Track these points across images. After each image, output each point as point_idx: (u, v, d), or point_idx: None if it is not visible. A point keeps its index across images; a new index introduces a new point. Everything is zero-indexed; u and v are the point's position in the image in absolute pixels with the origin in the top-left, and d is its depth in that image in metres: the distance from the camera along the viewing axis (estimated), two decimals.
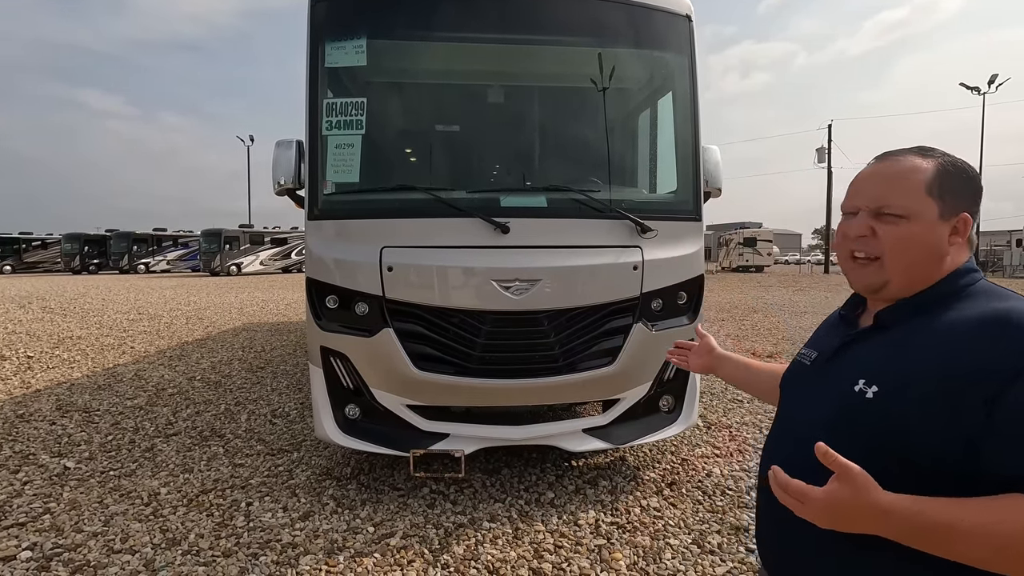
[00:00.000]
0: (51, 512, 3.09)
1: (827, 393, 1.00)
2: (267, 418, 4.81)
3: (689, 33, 3.46)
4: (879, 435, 0.89)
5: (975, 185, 0.97)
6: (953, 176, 0.96)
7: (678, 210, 3.44)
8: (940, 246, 0.95)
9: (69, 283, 24.72)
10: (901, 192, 0.96)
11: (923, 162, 0.97)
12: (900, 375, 0.91)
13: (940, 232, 0.95)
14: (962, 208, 0.96)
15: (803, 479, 0.87)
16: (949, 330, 0.90)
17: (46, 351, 8.00)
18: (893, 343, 0.96)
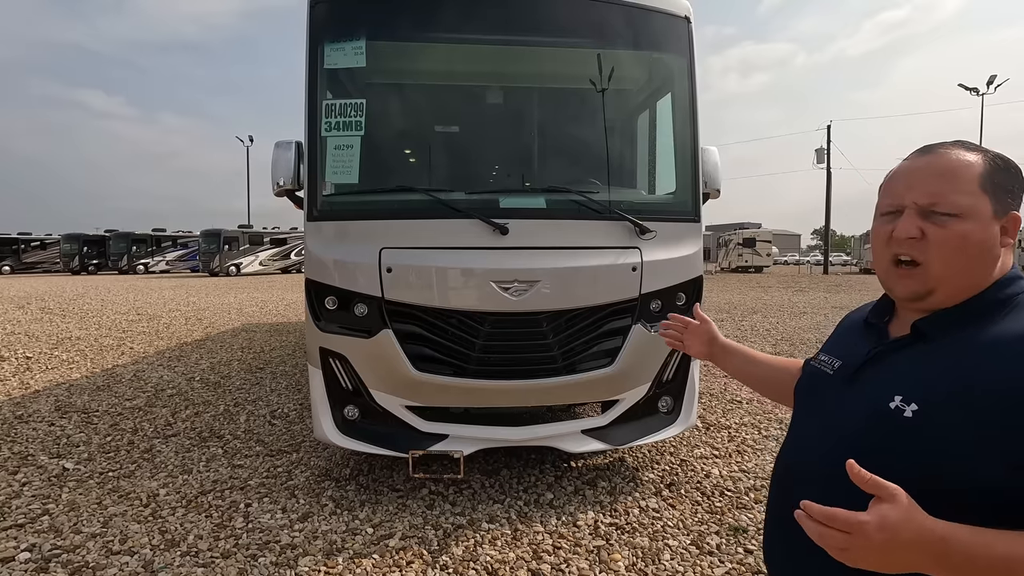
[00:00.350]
0: (50, 513, 3.09)
1: (856, 408, 0.91)
2: (266, 419, 4.81)
3: (688, 34, 3.47)
4: (916, 458, 0.80)
5: (1022, 182, 0.89)
6: (1004, 171, 0.87)
7: (677, 211, 3.44)
8: (994, 248, 0.86)
9: (68, 283, 24.70)
10: (956, 188, 0.85)
11: (972, 156, 0.88)
12: (946, 393, 0.81)
13: (995, 232, 0.86)
14: (1012, 206, 0.87)
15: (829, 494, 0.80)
16: (1003, 345, 0.80)
17: (45, 352, 8.00)
18: (936, 357, 0.86)
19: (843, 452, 0.85)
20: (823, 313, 12.61)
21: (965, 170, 0.86)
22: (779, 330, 10.06)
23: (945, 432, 0.79)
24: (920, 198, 0.88)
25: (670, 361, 3.38)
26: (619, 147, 3.74)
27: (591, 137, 3.58)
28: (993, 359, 0.80)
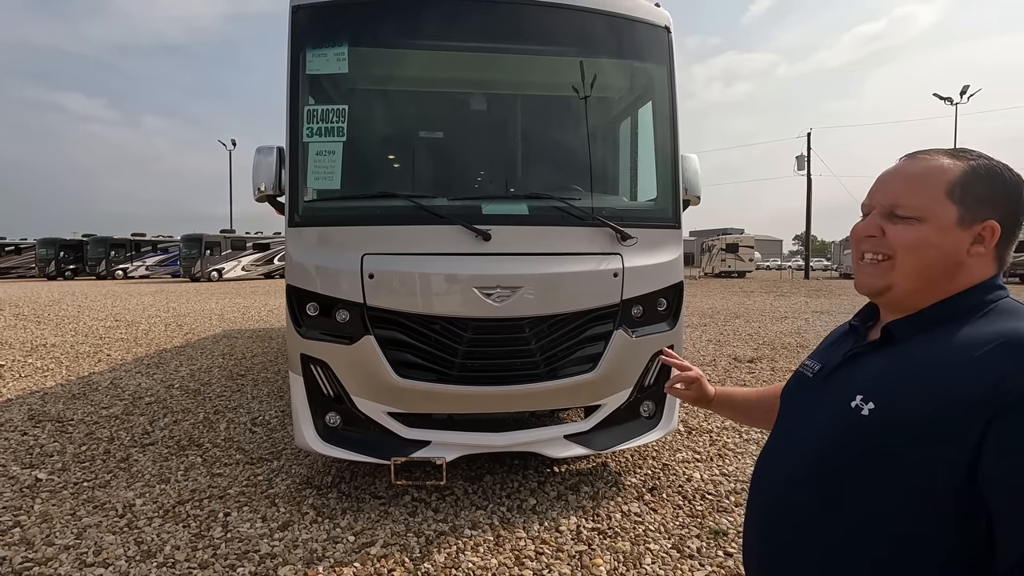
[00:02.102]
0: (21, 525, 3.02)
1: (824, 408, 0.94)
2: (247, 427, 4.75)
3: (668, 44, 3.52)
4: (875, 456, 0.83)
5: (1012, 191, 0.88)
6: (983, 180, 0.88)
7: (658, 217, 3.49)
8: (955, 254, 0.87)
9: (44, 289, 24.15)
10: (918, 192, 0.89)
11: (951, 163, 0.89)
12: (901, 391, 0.84)
13: (957, 239, 0.87)
14: (989, 215, 0.87)
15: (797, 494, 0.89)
16: (962, 348, 0.82)
17: (18, 359, 7.81)
18: (901, 358, 0.89)
19: (808, 451, 0.92)
20: (804, 317, 12.80)
21: (934, 176, 0.89)
22: (761, 334, 10.19)
23: (900, 431, 0.81)
24: (884, 199, 0.92)
25: (651, 366, 3.41)
26: (601, 154, 3.79)
27: (573, 144, 3.61)
28: (949, 360, 0.82)
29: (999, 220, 0.87)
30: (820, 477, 0.89)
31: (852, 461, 0.85)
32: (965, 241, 0.87)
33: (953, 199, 0.87)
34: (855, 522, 0.84)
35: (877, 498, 0.80)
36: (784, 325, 11.48)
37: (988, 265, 0.89)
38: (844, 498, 0.86)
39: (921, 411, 0.79)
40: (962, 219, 0.87)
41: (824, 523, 0.88)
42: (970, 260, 0.88)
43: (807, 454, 0.92)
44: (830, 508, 0.87)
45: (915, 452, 0.79)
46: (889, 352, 0.91)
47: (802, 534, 0.91)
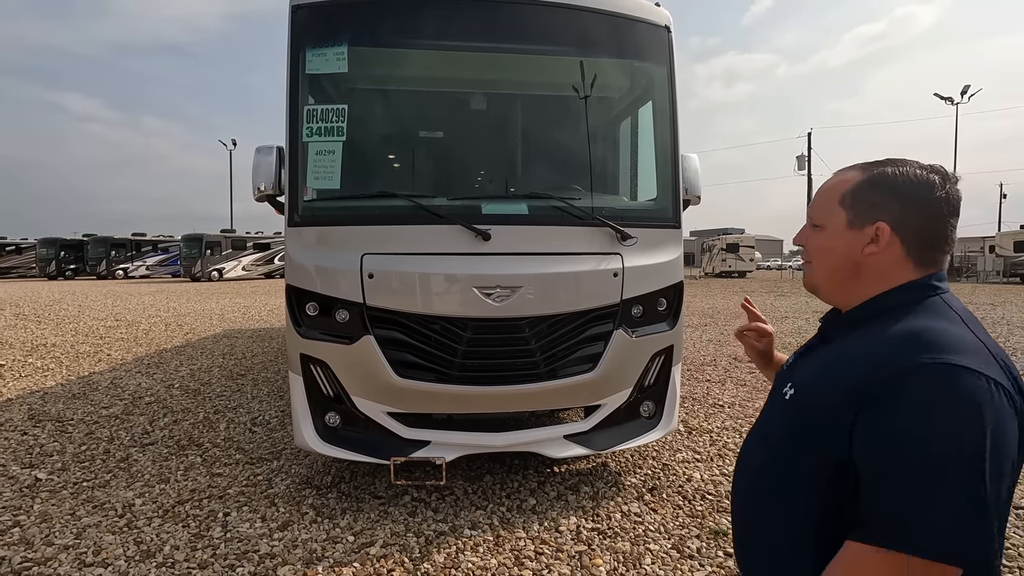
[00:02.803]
0: (21, 525, 3.02)
1: (773, 399, 1.07)
2: (247, 426, 4.75)
3: (668, 43, 3.51)
4: (794, 437, 0.92)
5: (907, 194, 0.92)
6: (874, 186, 0.94)
7: (658, 217, 3.48)
8: (851, 255, 0.95)
9: (44, 289, 24.16)
10: (822, 203, 1.01)
11: (854, 174, 0.98)
12: (812, 379, 0.94)
13: (849, 241, 0.95)
14: (878, 218, 0.92)
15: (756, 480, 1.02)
16: (868, 342, 0.88)
17: (18, 359, 7.81)
18: (827, 352, 0.99)
19: (758, 435, 1.08)
20: (804, 317, 12.79)
21: (834, 188, 0.99)
22: None
23: (805, 413, 0.91)
24: (810, 212, 1.05)
25: (651, 366, 3.40)
26: (601, 154, 3.78)
27: (573, 144, 3.61)
28: (856, 354, 0.88)
29: (889, 221, 0.92)
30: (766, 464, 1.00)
31: (780, 439, 0.96)
32: (858, 243, 0.94)
33: (844, 206, 0.96)
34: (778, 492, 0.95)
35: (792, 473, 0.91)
36: (785, 325, 11.47)
37: (901, 265, 0.93)
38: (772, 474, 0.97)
39: (820, 397, 0.88)
40: (851, 223, 0.95)
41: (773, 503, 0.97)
42: (869, 260, 0.93)
43: (756, 437, 1.06)
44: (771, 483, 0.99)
45: (815, 432, 0.87)
46: (826, 348, 1.01)
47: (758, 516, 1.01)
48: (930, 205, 0.91)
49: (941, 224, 0.91)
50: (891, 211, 0.92)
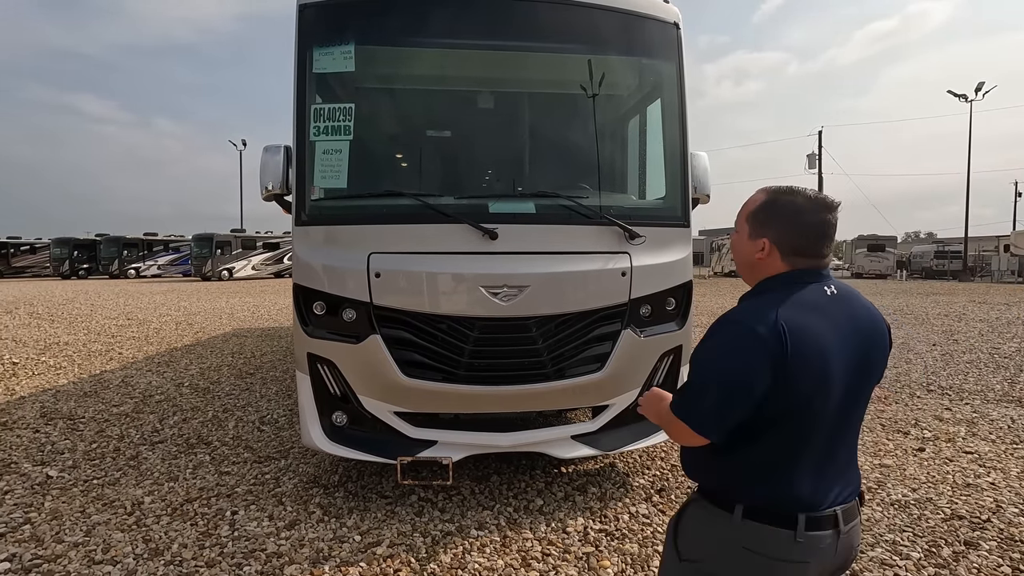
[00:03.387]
0: (32, 522, 3.04)
1: None
2: (255, 425, 4.77)
3: (677, 40, 3.48)
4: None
5: (785, 219, 1.30)
6: (767, 209, 1.33)
7: (666, 216, 3.45)
8: (749, 257, 1.37)
9: (58, 288, 24.47)
10: (738, 216, 1.40)
11: (759, 196, 1.37)
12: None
13: (749, 248, 1.36)
14: (765, 235, 1.32)
15: None
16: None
17: (32, 357, 7.90)
18: None
19: None
20: None
21: (745, 206, 1.39)
22: None
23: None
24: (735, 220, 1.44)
25: (660, 366, 3.37)
26: (609, 152, 3.75)
27: (581, 142, 3.59)
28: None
29: (772, 238, 1.31)
30: None
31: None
32: (752, 250, 1.35)
33: (747, 222, 1.37)
34: None
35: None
36: None
37: (777, 267, 1.32)
38: None
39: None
40: (750, 235, 1.36)
41: None
42: (758, 262, 1.34)
43: None
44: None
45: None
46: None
47: None
48: (805, 227, 1.29)
49: (812, 241, 1.29)
50: (775, 230, 1.31)
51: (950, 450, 4.16)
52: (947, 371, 6.88)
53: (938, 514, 3.15)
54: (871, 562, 2.68)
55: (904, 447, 4.23)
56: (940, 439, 4.40)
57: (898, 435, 4.52)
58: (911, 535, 2.92)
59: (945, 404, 5.42)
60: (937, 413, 5.11)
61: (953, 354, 8.01)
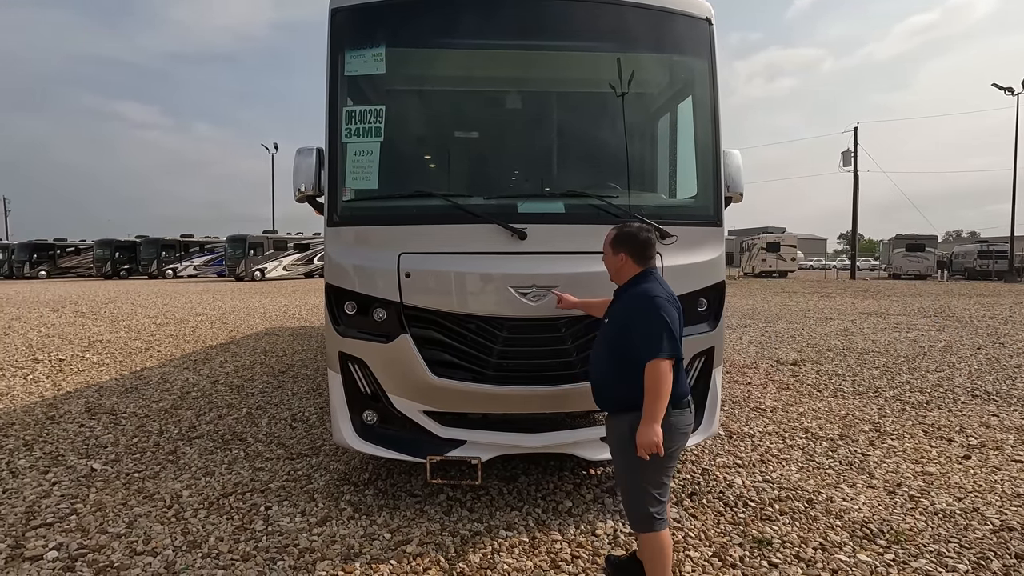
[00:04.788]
0: (77, 513, 3.16)
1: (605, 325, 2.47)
2: (287, 422, 4.86)
3: (709, 36, 3.42)
4: (610, 341, 2.36)
5: (632, 240, 2.38)
6: (621, 237, 2.41)
7: (698, 215, 3.39)
8: (615, 266, 2.45)
9: (100, 288, 25.44)
10: (605, 244, 2.49)
11: (613, 232, 2.47)
12: (615, 313, 2.39)
13: (616, 261, 2.43)
14: (622, 251, 2.40)
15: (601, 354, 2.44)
16: (627, 297, 2.36)
17: (77, 354, 8.23)
18: (616, 305, 2.44)
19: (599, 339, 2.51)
20: (851, 319, 12.30)
21: (607, 237, 2.50)
22: (804, 336, 9.85)
23: (616, 326, 2.35)
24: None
25: (692, 368, 3.31)
26: (639, 151, 3.70)
27: (611, 141, 3.55)
28: (620, 302, 2.42)
29: (626, 251, 2.39)
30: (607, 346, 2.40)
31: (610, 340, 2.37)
32: (617, 262, 2.42)
33: (610, 245, 2.45)
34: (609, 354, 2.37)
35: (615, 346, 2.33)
36: (829, 327, 11.06)
37: (633, 268, 2.39)
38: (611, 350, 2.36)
39: (620, 317, 2.35)
40: (614, 253, 2.43)
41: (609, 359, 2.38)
42: (621, 267, 2.42)
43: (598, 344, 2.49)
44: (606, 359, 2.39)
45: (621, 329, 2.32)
46: (617, 302, 2.44)
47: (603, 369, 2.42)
48: (642, 243, 2.39)
49: (648, 249, 2.40)
50: (627, 247, 2.39)
51: (998, 458, 3.98)
52: (993, 375, 6.59)
53: (986, 525, 3.02)
54: (915, 573, 2.58)
55: (948, 454, 4.07)
56: (987, 446, 4.22)
57: (941, 442, 4.34)
58: (957, 546, 2.81)
59: (992, 410, 5.19)
60: (983, 419, 4.90)
61: (999, 358, 7.68)
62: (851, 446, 4.24)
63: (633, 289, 2.32)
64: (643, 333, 2.16)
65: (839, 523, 3.04)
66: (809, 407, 5.33)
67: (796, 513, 3.16)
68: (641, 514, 2.22)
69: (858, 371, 6.93)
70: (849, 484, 3.55)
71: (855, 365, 7.30)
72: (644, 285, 2.30)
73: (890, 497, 3.36)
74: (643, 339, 2.15)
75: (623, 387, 2.24)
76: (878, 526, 3.00)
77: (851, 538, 2.89)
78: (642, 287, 2.29)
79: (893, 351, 8.31)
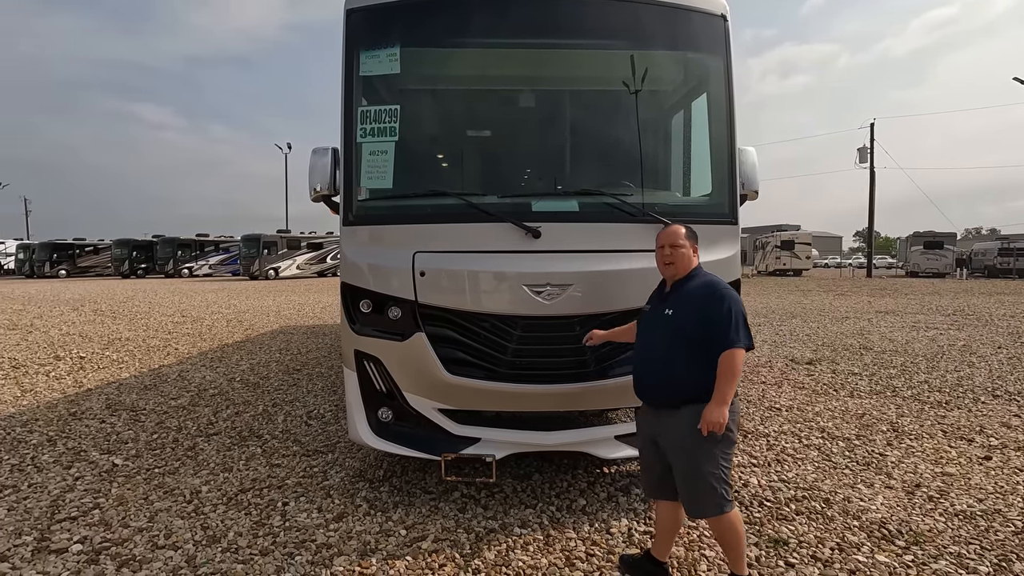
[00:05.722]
0: (100, 507, 3.23)
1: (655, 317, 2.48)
2: (303, 419, 4.91)
3: (725, 33, 3.39)
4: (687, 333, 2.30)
5: (695, 234, 2.50)
6: (691, 229, 2.51)
7: (713, 213, 3.37)
8: (687, 258, 2.44)
9: (119, 287, 25.86)
10: (675, 235, 2.45)
11: (681, 226, 2.50)
12: (681, 304, 2.36)
13: (688, 253, 2.44)
14: (696, 245, 2.47)
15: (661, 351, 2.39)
16: (694, 287, 2.38)
17: (97, 352, 8.38)
18: (673, 295, 2.42)
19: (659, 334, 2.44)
20: (867, 318, 12.14)
21: (679, 231, 2.48)
22: (820, 335, 9.74)
23: (682, 319, 2.32)
24: (667, 240, 2.46)
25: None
26: (653, 149, 3.69)
27: (625, 139, 3.54)
28: (687, 294, 2.37)
29: (696, 245, 2.48)
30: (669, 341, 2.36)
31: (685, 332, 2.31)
32: (691, 254, 2.45)
33: (687, 238, 2.45)
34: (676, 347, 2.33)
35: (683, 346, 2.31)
36: (845, 326, 10.93)
37: (695, 261, 2.46)
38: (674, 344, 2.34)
39: (687, 307, 2.34)
40: (692, 243, 2.46)
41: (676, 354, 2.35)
42: (691, 261, 2.44)
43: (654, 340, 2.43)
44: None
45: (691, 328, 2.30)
46: (674, 293, 2.43)
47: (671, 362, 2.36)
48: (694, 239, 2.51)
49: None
50: (695, 239, 2.48)
51: (1021, 459, 3.91)
52: (1014, 375, 6.48)
53: (1008, 526, 2.97)
54: (934, 575, 2.55)
55: (968, 455, 4.01)
56: (1008, 447, 4.15)
57: (961, 442, 4.28)
58: (978, 548, 2.77)
59: (1013, 410, 5.10)
60: (1004, 420, 4.82)
61: (1021, 357, 7.54)
62: (868, 446, 4.20)
63: (697, 281, 2.37)
64: (723, 323, 2.20)
65: (856, 523, 3.01)
66: (825, 406, 5.27)
67: (813, 513, 3.14)
68: (716, 499, 2.24)
69: (875, 370, 6.84)
70: (867, 484, 3.52)
71: (872, 364, 7.21)
72: (709, 278, 2.36)
73: (909, 498, 3.32)
74: (723, 329, 2.19)
75: (696, 377, 2.24)
76: (897, 527, 2.97)
77: (869, 539, 2.86)
78: (709, 279, 2.35)
79: (911, 350, 8.19)
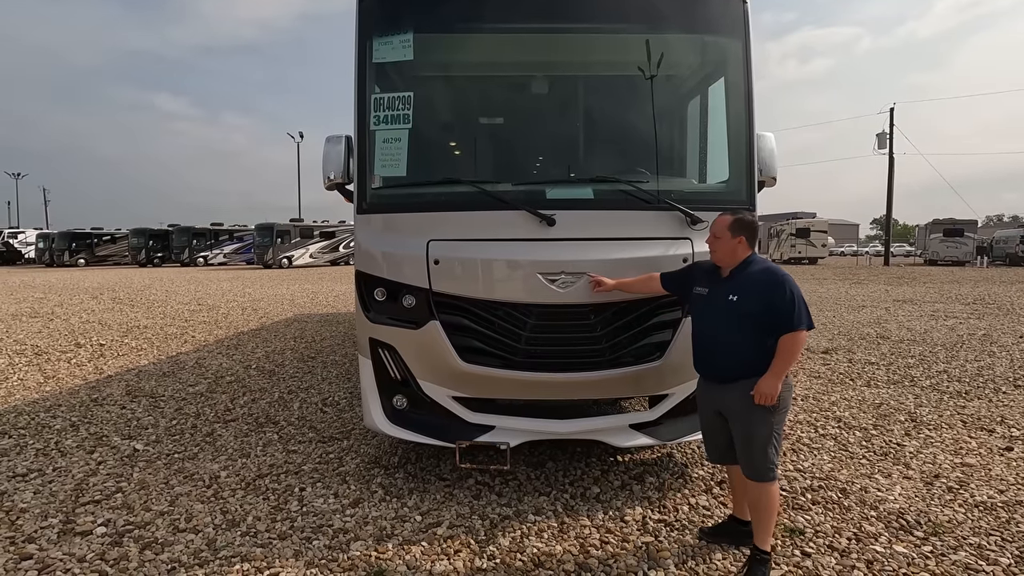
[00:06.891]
0: (123, 491, 3.30)
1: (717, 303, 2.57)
2: (318, 406, 4.97)
3: (744, 16, 3.31)
4: (753, 316, 2.45)
5: (748, 226, 2.53)
6: (738, 223, 2.52)
7: (730, 200, 3.31)
8: (733, 247, 2.53)
9: (136, 275, 26.23)
10: (721, 226, 2.55)
11: (728, 217, 2.55)
12: (744, 290, 2.48)
13: (733, 242, 2.53)
14: (739, 235, 2.52)
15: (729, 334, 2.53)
16: (754, 273, 2.51)
17: (116, 339, 8.52)
18: (730, 282, 2.54)
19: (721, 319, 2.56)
20: (884, 307, 11.96)
21: (724, 220, 2.56)
22: (836, 324, 9.62)
23: (746, 304, 2.46)
24: (714, 230, 2.59)
25: None
26: (670, 135, 3.63)
27: (640, 125, 3.49)
28: (749, 280, 2.50)
29: (747, 236, 2.53)
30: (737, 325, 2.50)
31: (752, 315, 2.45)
32: (735, 244, 2.53)
33: (728, 229, 2.53)
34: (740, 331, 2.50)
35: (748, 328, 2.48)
36: (862, 315, 10.78)
37: (747, 250, 2.54)
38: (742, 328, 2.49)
39: (750, 293, 2.47)
40: (732, 235, 2.52)
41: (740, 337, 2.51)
42: (737, 250, 2.53)
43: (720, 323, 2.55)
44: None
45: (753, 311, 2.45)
46: (732, 280, 2.55)
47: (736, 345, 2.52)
48: (756, 230, 2.60)
49: (756, 235, 2.59)
50: (746, 232, 2.53)
51: None
52: None
53: None
54: (954, 566, 2.52)
55: (989, 446, 3.95)
56: None
57: (982, 433, 4.22)
58: (999, 539, 2.73)
59: None
60: None
61: None
62: (886, 436, 4.15)
63: (755, 268, 2.51)
64: (788, 308, 2.37)
65: (874, 514, 2.99)
66: (841, 396, 5.22)
67: (829, 503, 3.12)
68: (768, 465, 2.44)
69: (892, 360, 6.75)
70: (884, 474, 3.48)
71: (889, 354, 7.11)
72: (767, 265, 2.53)
73: (927, 488, 3.29)
74: (787, 312, 2.37)
75: (758, 355, 2.44)
76: (915, 517, 2.94)
77: (887, 529, 2.84)
78: (768, 266, 2.52)
79: (929, 339, 8.06)
